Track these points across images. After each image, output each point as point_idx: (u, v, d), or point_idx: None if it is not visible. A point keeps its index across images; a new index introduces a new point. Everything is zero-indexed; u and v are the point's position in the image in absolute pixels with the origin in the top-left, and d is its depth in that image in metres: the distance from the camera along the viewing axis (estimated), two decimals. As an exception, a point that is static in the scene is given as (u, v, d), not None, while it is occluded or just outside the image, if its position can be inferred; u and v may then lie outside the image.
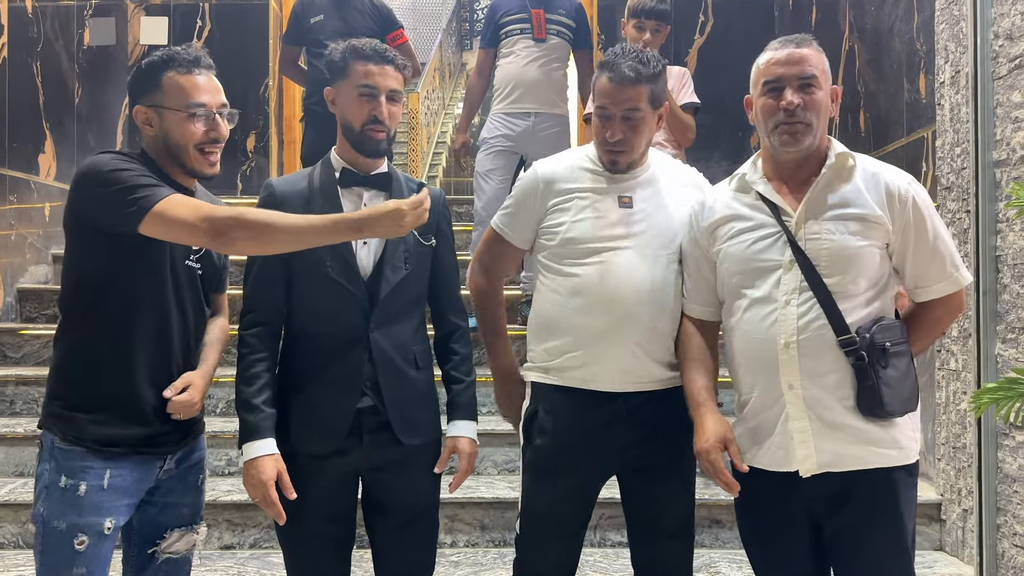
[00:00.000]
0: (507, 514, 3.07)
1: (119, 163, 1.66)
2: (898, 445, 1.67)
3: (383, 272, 1.85)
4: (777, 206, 1.71)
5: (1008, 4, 2.65)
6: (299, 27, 4.10)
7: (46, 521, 1.64)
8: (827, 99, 1.72)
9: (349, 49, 1.86)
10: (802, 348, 1.65)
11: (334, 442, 1.83)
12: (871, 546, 1.67)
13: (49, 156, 4.43)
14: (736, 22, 5.25)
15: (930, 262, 1.71)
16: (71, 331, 1.71)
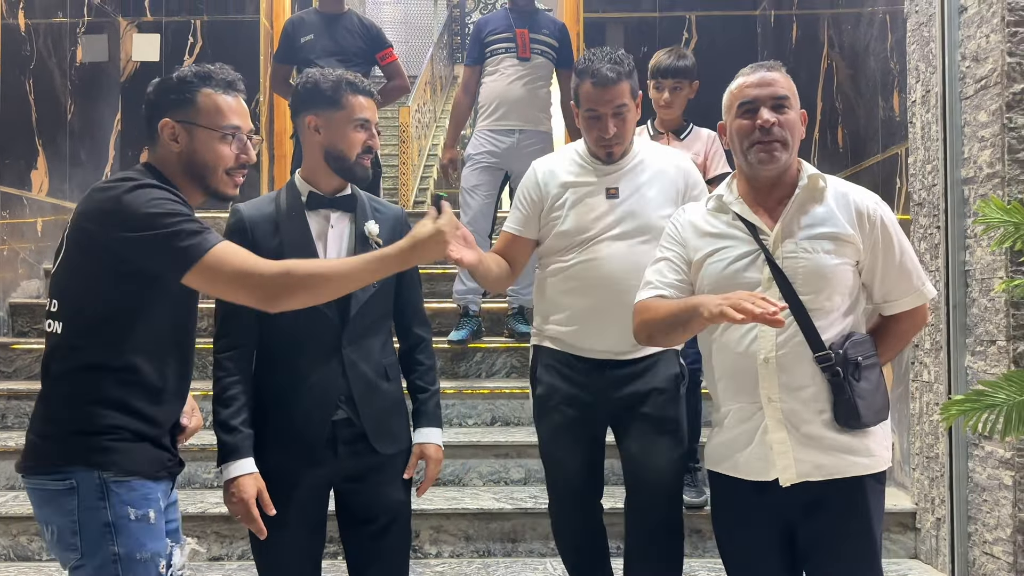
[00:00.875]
0: (491, 524, 3.12)
1: (162, 202, 1.58)
2: (871, 453, 1.76)
3: (353, 291, 1.91)
4: (755, 226, 1.78)
5: (974, 27, 2.73)
6: (290, 46, 4.17)
7: (125, 557, 1.57)
8: (798, 120, 1.80)
9: (344, 82, 1.94)
10: (780, 363, 1.73)
11: (311, 455, 1.91)
12: (843, 552, 1.75)
13: (42, 172, 4.48)
14: (719, 39, 5.34)
15: (898, 278, 1.80)
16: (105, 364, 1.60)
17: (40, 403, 1.65)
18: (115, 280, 1.60)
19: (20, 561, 3.04)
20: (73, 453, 1.59)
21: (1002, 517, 2.61)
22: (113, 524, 1.57)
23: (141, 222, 1.55)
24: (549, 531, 3.09)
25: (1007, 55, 2.57)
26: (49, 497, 1.59)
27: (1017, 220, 2.17)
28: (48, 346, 1.66)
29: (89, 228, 1.59)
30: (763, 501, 1.77)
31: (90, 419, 1.60)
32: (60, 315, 1.63)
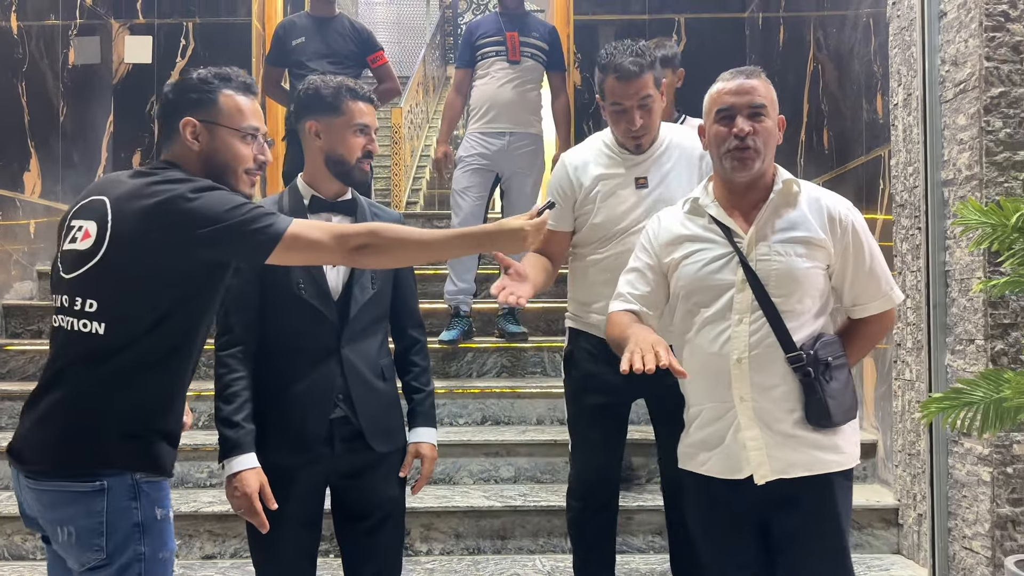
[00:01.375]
0: (481, 522, 3.16)
1: (226, 194, 1.62)
2: (840, 451, 1.81)
3: (352, 292, 1.99)
4: (730, 229, 1.82)
5: (954, 31, 2.78)
6: (281, 49, 4.20)
7: (150, 556, 1.59)
8: (775, 127, 1.84)
9: (344, 88, 2.00)
10: (753, 363, 1.77)
11: (309, 451, 1.95)
12: (815, 547, 1.79)
13: (34, 174, 4.50)
14: (708, 41, 5.39)
15: (867, 282, 1.85)
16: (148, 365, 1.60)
17: (61, 403, 1.59)
18: (174, 282, 1.60)
19: (15, 560, 3.07)
20: (111, 456, 1.57)
21: (981, 512, 2.66)
22: (142, 524, 1.58)
23: (217, 219, 1.57)
24: (538, 528, 3.14)
25: (985, 59, 2.63)
26: (71, 499, 1.56)
27: (994, 222, 2.22)
28: (78, 346, 1.59)
29: (154, 233, 1.57)
30: (736, 499, 1.81)
31: (131, 422, 1.59)
32: (101, 316, 1.58)
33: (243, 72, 1.78)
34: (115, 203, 1.62)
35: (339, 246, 1.63)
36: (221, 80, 1.72)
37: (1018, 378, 2.12)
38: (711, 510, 1.86)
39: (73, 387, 1.59)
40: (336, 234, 1.64)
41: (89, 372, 1.59)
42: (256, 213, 1.61)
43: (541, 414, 3.72)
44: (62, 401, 1.59)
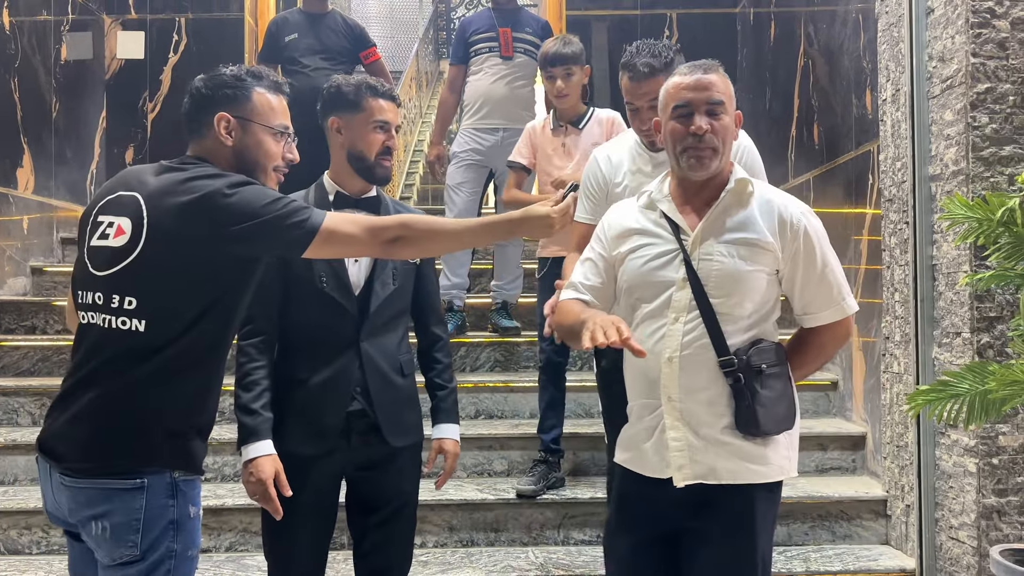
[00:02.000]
0: (474, 515, 3.19)
1: (261, 190, 1.64)
2: (768, 462, 1.74)
3: (373, 287, 2.03)
4: (678, 225, 1.78)
5: (941, 28, 2.81)
6: (274, 45, 4.21)
7: (180, 553, 1.61)
8: (732, 123, 1.80)
9: (365, 86, 2.05)
10: (683, 364, 1.73)
11: (325, 443, 1.99)
12: (721, 557, 1.74)
13: (27, 170, 4.50)
14: (700, 36, 5.41)
15: (818, 290, 1.79)
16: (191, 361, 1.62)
17: (101, 401, 1.58)
18: (211, 277, 1.61)
19: (11, 555, 3.09)
20: (152, 454, 1.58)
21: (967, 503, 2.70)
22: (177, 522, 1.60)
23: (254, 214, 1.59)
24: (531, 521, 3.17)
25: (971, 56, 2.66)
26: (110, 495, 1.57)
27: (980, 216, 2.25)
28: (121, 345, 1.59)
29: (192, 228, 1.58)
30: (656, 498, 1.78)
31: (172, 420, 1.61)
32: (141, 313, 1.58)
33: (274, 71, 1.82)
34: (149, 199, 1.62)
35: (373, 239, 1.66)
36: (254, 78, 1.75)
37: (1003, 371, 2.16)
38: (629, 508, 1.84)
39: (112, 385, 1.59)
40: (370, 227, 1.67)
41: (129, 370, 1.58)
42: (292, 208, 1.63)
43: (534, 408, 3.75)
44: (100, 399, 1.58)
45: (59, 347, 4.00)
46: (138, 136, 5.36)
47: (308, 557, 2.04)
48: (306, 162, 2.04)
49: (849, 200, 3.60)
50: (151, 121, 5.35)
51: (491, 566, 2.99)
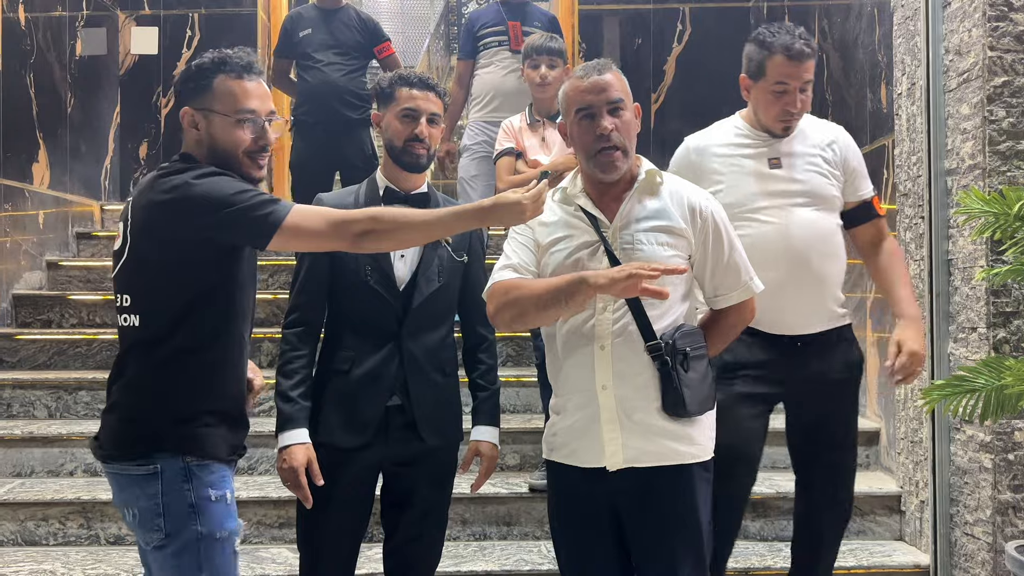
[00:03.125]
0: (487, 508, 3.20)
1: (230, 181, 1.66)
2: (695, 442, 1.81)
3: (417, 283, 2.03)
4: (596, 217, 1.83)
5: (957, 21, 2.79)
6: (289, 40, 4.23)
7: (206, 536, 1.66)
8: (632, 118, 1.85)
9: (396, 77, 2.07)
10: (615, 351, 1.78)
11: (362, 436, 2.00)
12: (667, 538, 1.80)
13: (43, 165, 4.53)
14: (713, 30, 5.39)
15: (726, 272, 1.88)
16: (189, 351, 1.68)
17: (122, 392, 1.70)
18: (192, 268, 1.66)
19: (28, 546, 3.12)
20: (162, 440, 1.66)
21: (982, 499, 2.69)
22: (196, 505, 1.66)
23: (218, 204, 1.62)
24: (543, 515, 3.17)
25: (988, 49, 2.64)
26: (131, 481, 1.67)
27: (997, 210, 2.23)
28: (126, 340, 1.71)
29: (162, 222, 1.65)
30: (594, 489, 1.81)
31: (178, 407, 1.67)
32: (135, 308, 1.69)
33: (246, 52, 1.78)
34: (134, 202, 1.72)
35: (339, 233, 1.66)
36: (216, 65, 1.73)
37: (1019, 366, 2.15)
38: (571, 502, 1.86)
39: (127, 378, 1.71)
40: (336, 221, 1.66)
41: (139, 362, 1.69)
42: (258, 200, 1.64)
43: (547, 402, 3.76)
44: (120, 391, 1.72)
45: (74, 340, 4.03)
46: (152, 131, 5.39)
47: (340, 547, 2.04)
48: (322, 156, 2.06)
49: (863, 195, 3.57)
50: (164, 116, 5.37)
51: (504, 559, 3.00)
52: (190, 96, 1.74)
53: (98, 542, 3.13)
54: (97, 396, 3.69)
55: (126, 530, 3.13)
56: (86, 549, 3.09)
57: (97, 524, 3.13)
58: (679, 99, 5.46)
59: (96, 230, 4.91)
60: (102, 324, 4.25)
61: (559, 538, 1.90)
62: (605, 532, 1.83)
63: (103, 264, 4.58)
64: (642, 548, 1.82)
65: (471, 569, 2.91)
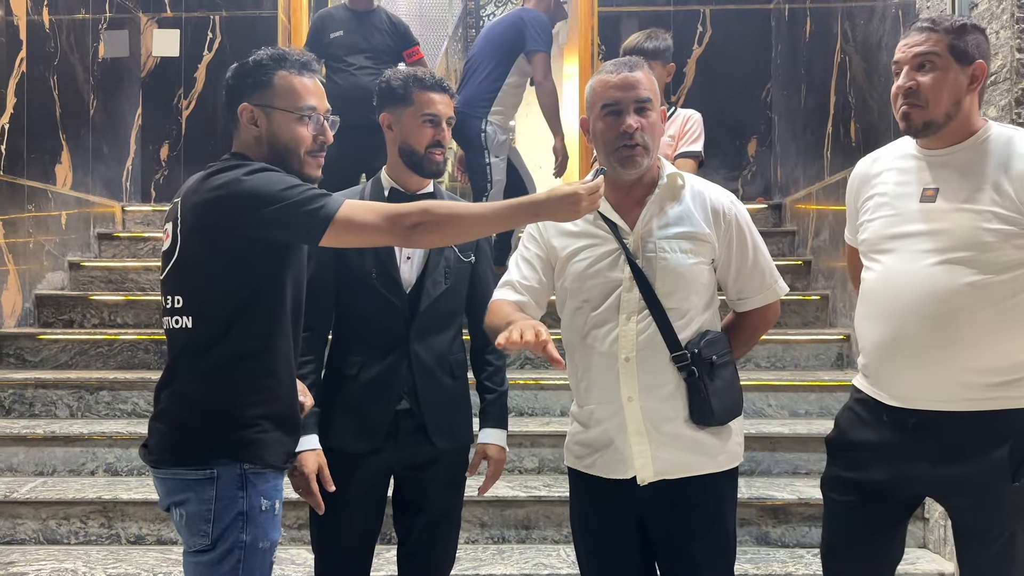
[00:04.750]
0: (505, 512, 3.19)
1: (280, 177, 1.62)
2: (725, 451, 1.79)
3: (424, 286, 2.01)
4: (616, 225, 1.79)
5: (984, 23, 2.75)
6: (319, 41, 4.25)
7: (250, 544, 1.63)
8: (659, 120, 1.79)
9: (412, 78, 2.01)
10: (640, 363, 1.75)
11: (372, 441, 1.99)
12: (699, 548, 1.77)
13: (65, 166, 4.57)
14: (734, 32, 5.36)
15: (751, 275, 1.83)
16: (243, 354, 1.64)
17: (174, 396, 1.66)
18: (243, 267, 1.62)
19: (50, 544, 3.14)
20: (219, 446, 1.63)
21: (1009, 507, 2.64)
22: (246, 513, 1.63)
23: (268, 200, 1.58)
24: (563, 519, 3.16)
25: (1016, 51, 2.60)
26: (184, 485, 1.64)
27: (1025, 214, 2.18)
28: (178, 342, 1.67)
29: (213, 220, 1.61)
30: (621, 499, 1.78)
31: (235, 412, 1.64)
32: (186, 310, 1.65)
33: (302, 51, 1.76)
34: (183, 201, 1.68)
35: (392, 226, 1.61)
36: (276, 61, 1.70)
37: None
38: (595, 512, 1.84)
39: (180, 382, 1.67)
40: (389, 214, 1.62)
41: (192, 366, 1.65)
42: (309, 194, 1.59)
43: (565, 405, 3.74)
44: (174, 395, 1.67)
45: (96, 341, 4.05)
46: (173, 133, 5.42)
47: (353, 553, 2.04)
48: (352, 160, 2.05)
49: (887, 198, 3.54)
50: (186, 118, 5.41)
51: (522, 563, 2.99)
52: (248, 91, 1.70)
53: (119, 541, 3.15)
54: (118, 396, 3.72)
55: (147, 530, 3.15)
56: (107, 548, 3.11)
57: (118, 524, 3.15)
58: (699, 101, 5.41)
59: (117, 231, 4.95)
60: (123, 324, 4.28)
61: (581, 545, 1.89)
62: (629, 541, 1.81)
63: (124, 265, 4.61)
64: (669, 557, 1.80)
65: (489, 572, 2.91)
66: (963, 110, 1.73)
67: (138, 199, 5.35)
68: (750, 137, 5.38)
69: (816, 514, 3.04)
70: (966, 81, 1.73)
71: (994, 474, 1.67)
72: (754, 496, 3.14)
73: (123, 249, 4.83)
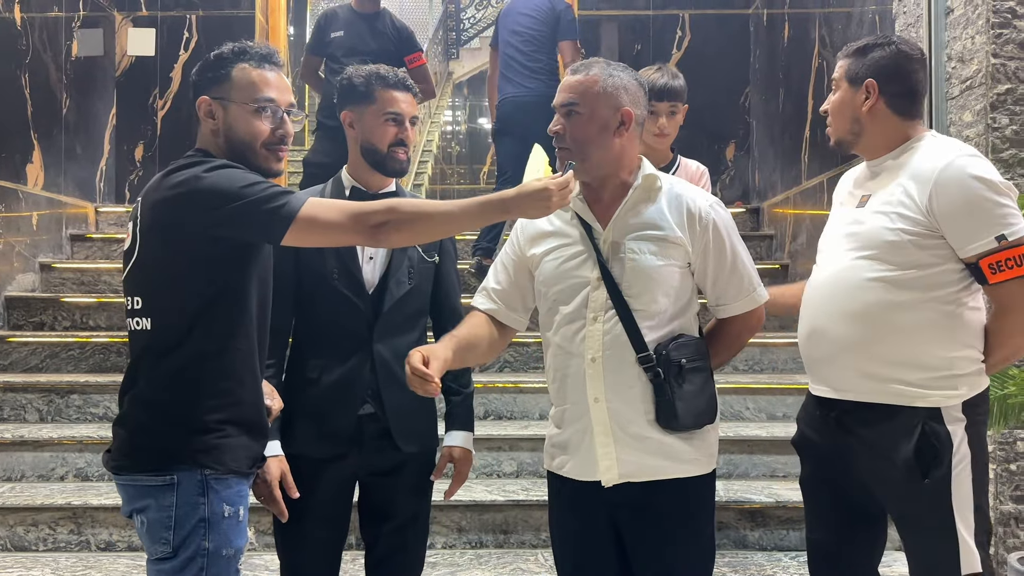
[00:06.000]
0: (483, 516, 3.16)
1: (241, 174, 1.58)
2: (694, 456, 1.75)
3: (387, 286, 1.97)
4: (590, 225, 1.78)
5: (960, 28, 2.78)
6: (321, 39, 4.23)
7: (213, 552, 1.59)
8: (599, 123, 1.73)
9: (374, 76, 1.97)
10: (606, 363, 1.72)
11: (335, 447, 1.94)
12: (673, 554, 1.75)
13: (37, 166, 4.50)
14: (713, 37, 5.39)
15: (729, 281, 1.79)
16: (205, 356, 1.60)
17: (135, 400, 1.62)
18: (205, 267, 1.59)
19: (17, 552, 3.07)
20: (178, 452, 1.59)
21: (984, 509, 2.66)
22: (208, 520, 1.59)
23: (228, 197, 1.54)
24: (541, 523, 3.15)
25: (991, 56, 2.62)
26: (145, 492, 1.60)
27: (1000, 218, 2.20)
28: (137, 345, 1.63)
29: (171, 218, 1.57)
30: (593, 502, 1.77)
31: (196, 416, 1.60)
32: (145, 312, 1.61)
33: (265, 44, 1.73)
34: (143, 200, 1.64)
35: (357, 224, 1.57)
36: (236, 54, 1.67)
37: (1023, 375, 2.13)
38: (568, 512, 1.83)
39: (142, 385, 1.62)
40: (353, 212, 1.58)
41: (152, 369, 1.61)
42: (271, 192, 1.56)
43: (544, 409, 3.72)
44: (135, 399, 1.63)
45: (67, 343, 3.99)
46: (148, 133, 5.36)
47: (319, 561, 1.99)
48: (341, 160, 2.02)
49: (864, 202, 3.56)
50: (161, 118, 5.35)
51: (500, 567, 2.97)
52: (207, 85, 1.67)
53: (88, 548, 3.09)
54: (90, 400, 3.66)
55: (117, 536, 3.09)
56: (76, 555, 3.05)
57: (88, 530, 3.09)
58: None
59: (90, 232, 4.88)
60: (95, 327, 4.22)
61: (557, 549, 1.87)
62: (605, 545, 1.79)
63: (97, 266, 4.55)
64: (642, 562, 1.78)
65: (467, 577, 2.89)
66: (866, 126, 1.83)
67: (112, 200, 5.28)
68: (728, 141, 5.41)
69: (794, 517, 3.04)
70: (861, 98, 1.82)
71: (906, 471, 1.73)
72: (732, 499, 3.14)
73: (96, 250, 4.76)
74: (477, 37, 12.36)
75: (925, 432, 1.72)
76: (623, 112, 1.75)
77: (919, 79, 1.83)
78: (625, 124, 1.75)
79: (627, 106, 1.75)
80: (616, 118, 1.74)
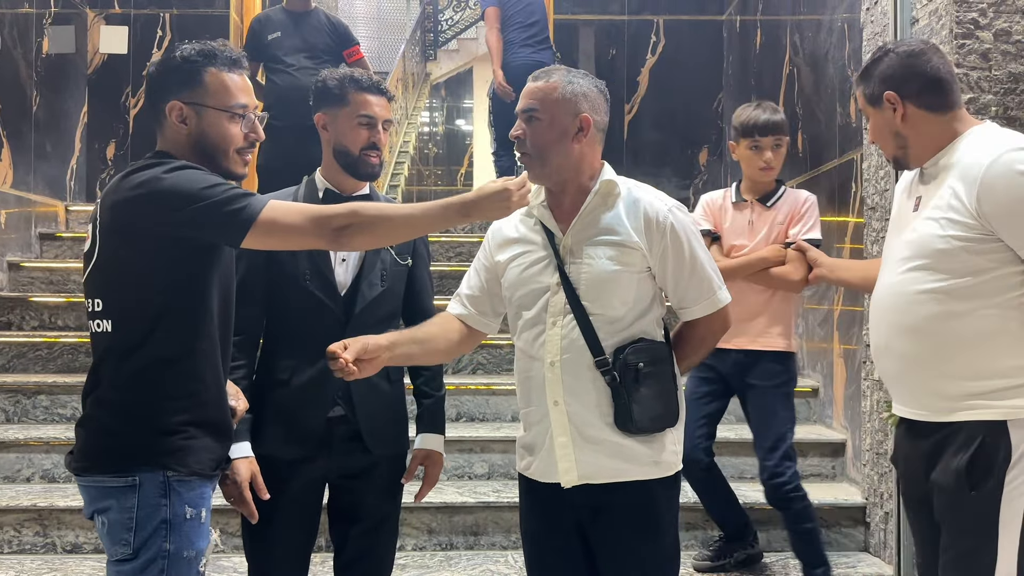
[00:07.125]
0: (454, 518, 3.17)
1: (202, 176, 1.58)
2: (653, 459, 1.76)
3: (360, 288, 1.97)
4: (552, 232, 1.81)
5: (925, 38, 2.83)
6: (257, 44, 4.20)
7: (174, 554, 1.58)
8: (559, 129, 1.75)
9: (348, 79, 1.98)
10: (564, 367, 1.75)
11: (305, 448, 1.94)
12: (632, 556, 1.77)
13: (6, 164, 4.44)
14: (687, 43, 5.44)
15: (689, 284, 1.80)
16: (166, 358, 1.60)
17: (97, 402, 1.62)
18: (166, 268, 1.58)
19: (-19, 554, 3.04)
20: (141, 453, 1.58)
21: (945, 511, 2.70)
22: (169, 522, 1.58)
23: (190, 198, 1.53)
24: (511, 524, 3.16)
25: (954, 66, 2.67)
26: (107, 493, 1.59)
27: (961, 225, 2.24)
28: (99, 347, 1.63)
29: (131, 219, 1.57)
30: (557, 504, 1.79)
31: (158, 418, 1.59)
32: (106, 313, 1.61)
33: (229, 45, 1.72)
34: (102, 201, 1.63)
35: (319, 228, 1.57)
36: (206, 57, 1.66)
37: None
38: (533, 513, 1.86)
39: (105, 386, 1.62)
40: (314, 216, 1.58)
41: (114, 371, 1.61)
42: (231, 194, 1.55)
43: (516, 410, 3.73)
44: (97, 401, 1.62)
45: (35, 343, 3.94)
46: (120, 132, 5.31)
47: (288, 563, 1.99)
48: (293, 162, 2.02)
49: (832, 208, 3.61)
50: (133, 117, 5.30)
51: (470, 570, 2.98)
52: (176, 89, 1.65)
53: (54, 550, 3.06)
54: (57, 400, 3.62)
55: (83, 538, 3.07)
56: (42, 557, 3.02)
57: (54, 532, 3.06)
58: (652, 110, 5.50)
59: (60, 231, 4.83)
60: (64, 327, 4.17)
61: (526, 550, 1.89)
62: (571, 546, 1.81)
63: (67, 266, 4.50)
64: (606, 563, 1.80)
65: (437, 579, 2.89)
66: (908, 137, 1.78)
67: (83, 199, 5.23)
68: (702, 146, 5.46)
69: (760, 518, 3.08)
70: (889, 114, 1.78)
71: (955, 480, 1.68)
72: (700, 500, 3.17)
73: (66, 250, 4.70)
74: (455, 39, 12.36)
75: (984, 443, 1.65)
76: (582, 118, 1.77)
77: (933, 67, 1.76)
78: (584, 130, 1.77)
79: (586, 112, 1.76)
80: (575, 124, 1.76)
